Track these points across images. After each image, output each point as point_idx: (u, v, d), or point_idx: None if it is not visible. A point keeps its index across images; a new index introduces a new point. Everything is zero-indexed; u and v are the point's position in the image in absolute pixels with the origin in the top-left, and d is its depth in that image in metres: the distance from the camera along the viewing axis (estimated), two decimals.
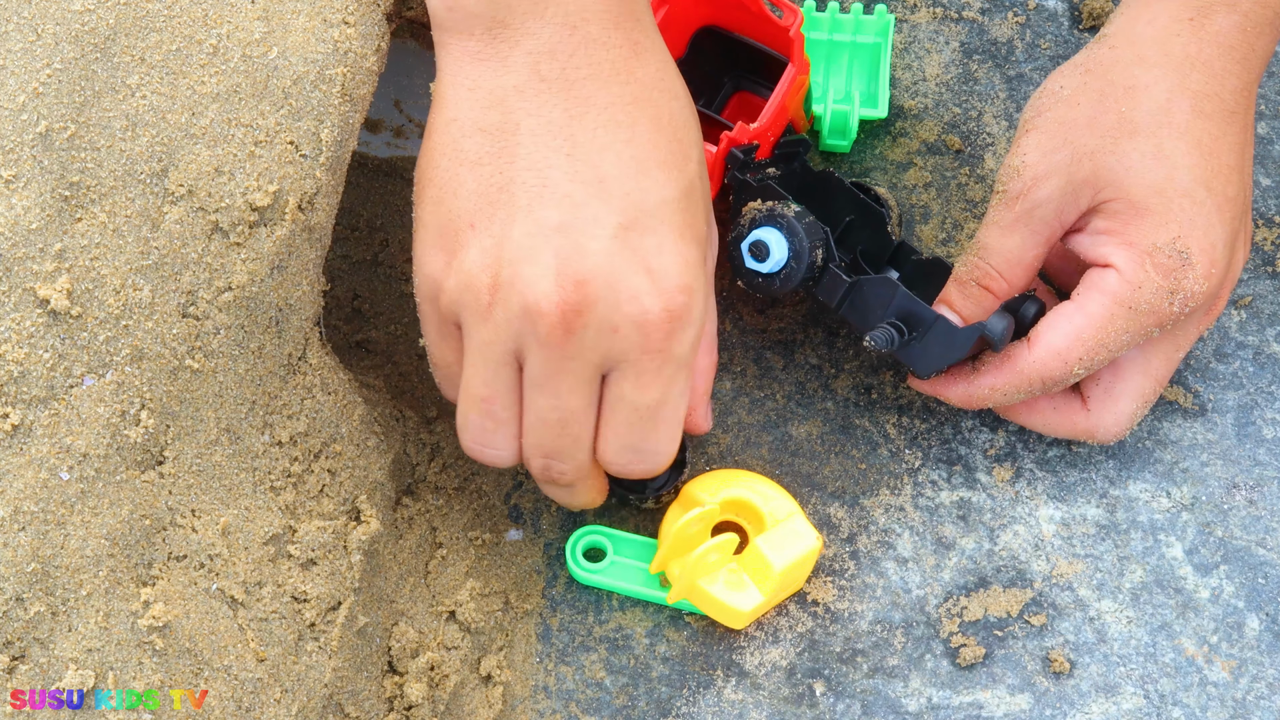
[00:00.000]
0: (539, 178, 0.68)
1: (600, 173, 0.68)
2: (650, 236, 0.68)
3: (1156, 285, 0.75)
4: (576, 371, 0.69)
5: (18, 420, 0.66)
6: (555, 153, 0.68)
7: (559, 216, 0.67)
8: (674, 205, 0.69)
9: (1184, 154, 0.76)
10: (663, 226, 0.68)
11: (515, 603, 0.81)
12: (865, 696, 0.79)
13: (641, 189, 0.68)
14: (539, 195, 0.67)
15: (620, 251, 0.67)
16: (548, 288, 0.67)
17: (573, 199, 0.67)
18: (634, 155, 0.68)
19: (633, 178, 0.68)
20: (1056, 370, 0.77)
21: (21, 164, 0.67)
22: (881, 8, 0.91)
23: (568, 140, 0.68)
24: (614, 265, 0.67)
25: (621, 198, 0.68)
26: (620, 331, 0.68)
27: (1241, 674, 0.79)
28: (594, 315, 0.67)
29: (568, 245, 0.67)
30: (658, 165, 0.69)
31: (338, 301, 0.87)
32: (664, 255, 0.68)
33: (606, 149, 0.68)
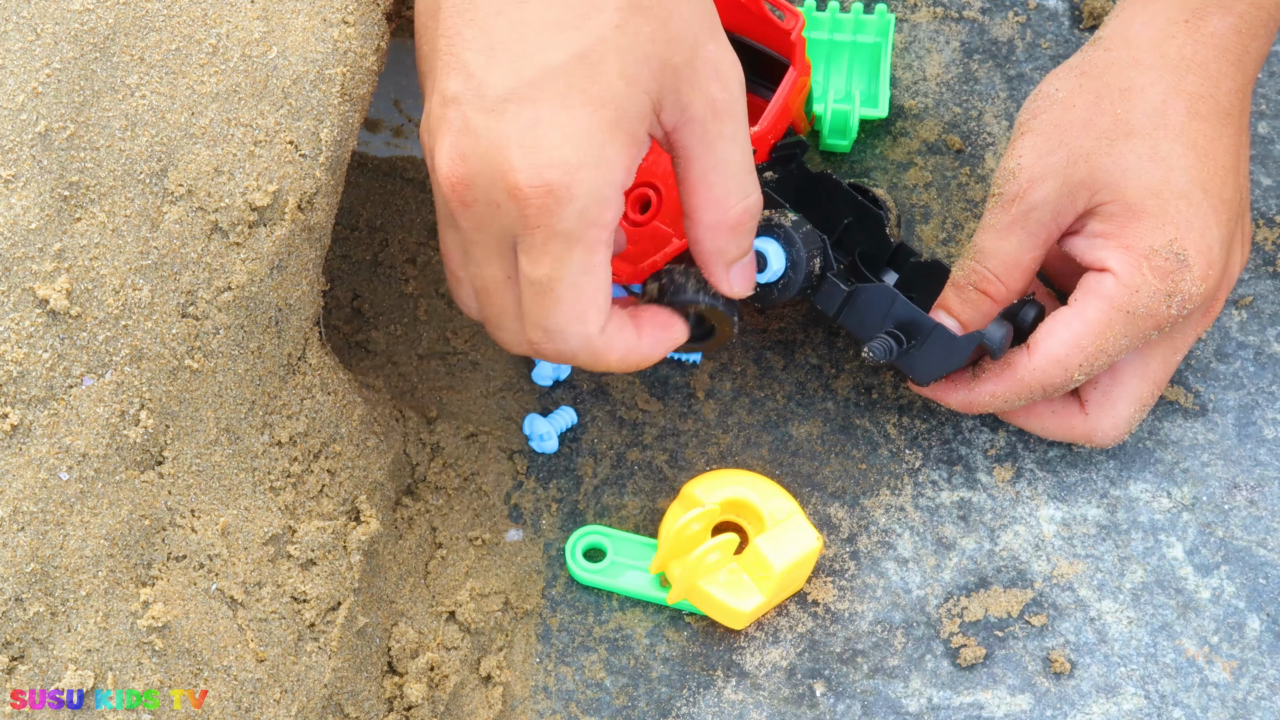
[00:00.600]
0: (448, 44, 0.67)
1: (491, 39, 0.66)
2: (528, 109, 0.65)
3: (1154, 288, 0.75)
4: (483, 243, 0.68)
5: (17, 420, 0.66)
6: (461, 18, 0.66)
7: (455, 87, 0.66)
8: (559, 71, 0.65)
9: (1180, 156, 0.76)
10: (543, 97, 0.65)
11: (515, 603, 0.81)
12: (865, 697, 0.79)
13: (526, 56, 0.65)
14: (447, 65, 0.67)
15: (498, 125, 0.65)
16: (443, 161, 0.67)
17: (467, 69, 0.66)
18: (524, 18, 0.65)
19: (519, 43, 0.65)
20: (1057, 377, 0.77)
21: (21, 164, 0.67)
22: (882, 7, 0.91)
23: (471, 3, 0.66)
24: (491, 139, 0.65)
25: (506, 65, 0.65)
26: (502, 207, 0.66)
27: (1242, 674, 0.79)
28: (478, 190, 0.66)
29: (458, 119, 0.66)
30: (547, 27, 0.65)
31: (338, 301, 0.87)
32: (541, 127, 0.65)
33: (500, 12, 0.66)
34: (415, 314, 0.87)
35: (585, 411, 0.85)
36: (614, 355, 0.70)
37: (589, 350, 0.69)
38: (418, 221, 0.89)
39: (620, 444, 0.84)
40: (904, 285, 0.82)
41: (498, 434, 0.84)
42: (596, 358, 0.69)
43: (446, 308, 0.87)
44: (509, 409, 0.85)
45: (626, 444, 0.84)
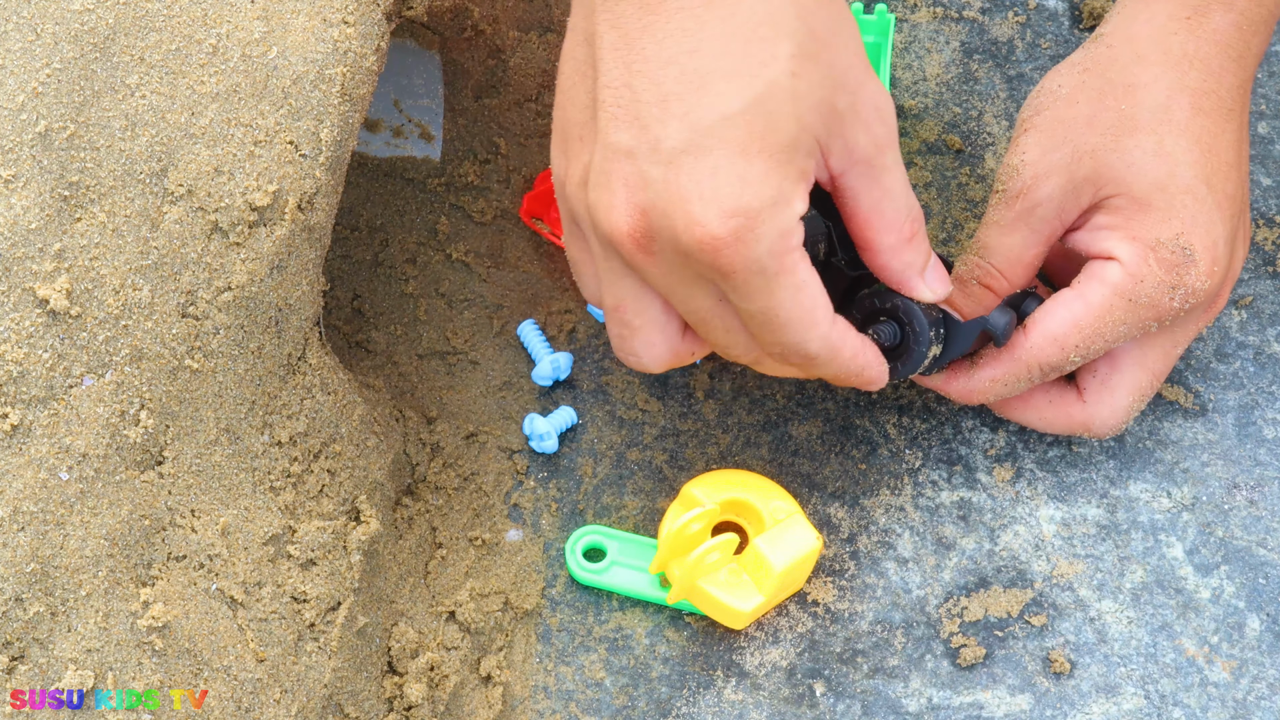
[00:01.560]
0: (615, 96, 0.67)
1: (663, 91, 0.66)
2: (706, 159, 0.66)
3: (1159, 279, 0.75)
4: (685, 281, 0.68)
5: (17, 420, 0.66)
6: (626, 69, 0.67)
7: (627, 141, 0.67)
8: (737, 120, 0.66)
9: (1185, 151, 0.76)
10: (720, 146, 0.66)
11: (515, 603, 0.81)
12: (865, 697, 0.79)
13: (701, 106, 0.66)
14: (613, 116, 0.67)
15: (676, 178, 0.66)
16: (618, 218, 0.67)
17: (639, 121, 0.66)
18: (696, 68, 0.66)
19: (694, 94, 0.66)
20: (1053, 356, 0.77)
21: (21, 164, 0.67)
22: (882, 7, 0.91)
23: (639, 55, 0.66)
24: (670, 193, 0.66)
25: (680, 118, 0.66)
26: (692, 255, 0.67)
27: (1242, 674, 0.79)
28: (662, 242, 0.67)
29: (633, 173, 0.67)
30: (722, 76, 0.66)
31: (338, 301, 0.87)
32: (718, 178, 0.66)
33: (671, 63, 0.66)
34: (415, 314, 0.87)
35: (585, 411, 0.85)
36: (847, 349, 0.71)
37: (828, 347, 0.70)
38: (418, 222, 0.89)
39: (620, 444, 0.84)
40: None
41: (498, 434, 0.84)
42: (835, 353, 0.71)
43: (447, 308, 0.87)
44: (509, 409, 0.85)
45: (626, 444, 0.84)
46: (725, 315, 0.70)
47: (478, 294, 0.88)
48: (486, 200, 0.89)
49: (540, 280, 0.88)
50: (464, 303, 0.87)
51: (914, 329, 0.76)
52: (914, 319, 0.76)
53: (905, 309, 0.76)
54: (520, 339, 0.87)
